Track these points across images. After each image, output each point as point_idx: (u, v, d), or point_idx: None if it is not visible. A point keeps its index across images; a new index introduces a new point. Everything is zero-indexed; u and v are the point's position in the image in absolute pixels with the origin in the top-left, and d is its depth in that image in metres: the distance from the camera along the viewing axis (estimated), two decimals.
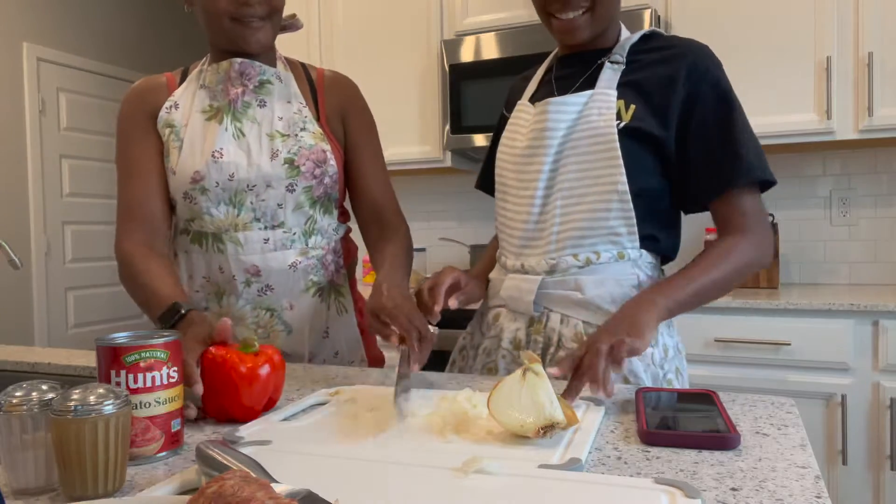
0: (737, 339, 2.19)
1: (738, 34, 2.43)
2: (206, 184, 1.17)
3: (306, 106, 1.24)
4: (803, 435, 0.76)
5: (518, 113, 1.20)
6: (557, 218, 1.10)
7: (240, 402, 0.84)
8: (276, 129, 1.21)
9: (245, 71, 1.20)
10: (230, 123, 1.20)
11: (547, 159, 1.10)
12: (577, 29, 1.08)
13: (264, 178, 1.18)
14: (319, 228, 1.25)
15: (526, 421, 0.72)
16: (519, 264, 1.14)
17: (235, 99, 1.21)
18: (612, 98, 1.07)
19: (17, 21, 3.84)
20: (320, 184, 1.22)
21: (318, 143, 1.22)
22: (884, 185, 2.59)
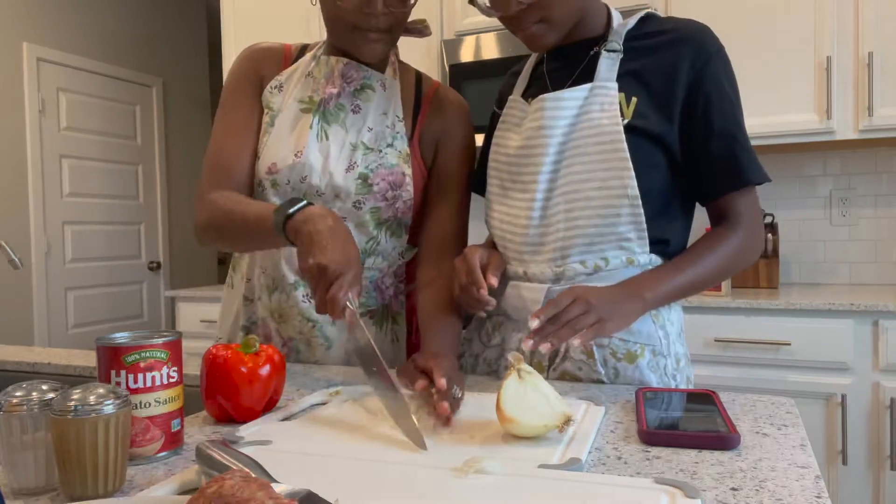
0: (737, 339, 2.19)
1: (738, 34, 2.43)
2: (279, 178, 1.15)
3: (402, 121, 1.19)
4: (803, 435, 0.76)
5: (509, 110, 1.14)
6: (562, 224, 1.03)
7: (240, 402, 0.84)
8: (361, 139, 1.16)
9: (348, 73, 1.18)
10: (317, 123, 1.16)
11: (546, 160, 1.04)
12: (538, 38, 1.04)
13: (335, 188, 1.14)
14: (381, 251, 1.19)
15: (548, 423, 0.72)
16: (521, 271, 1.08)
17: (329, 99, 1.17)
18: (614, 91, 1.02)
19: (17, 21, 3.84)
20: (391, 207, 1.16)
21: (400, 163, 1.16)
22: (884, 185, 2.59)
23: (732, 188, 1.04)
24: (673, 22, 1.08)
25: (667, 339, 1.07)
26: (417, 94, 1.23)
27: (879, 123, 2.28)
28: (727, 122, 1.04)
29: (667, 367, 1.06)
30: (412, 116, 1.21)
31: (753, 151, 1.06)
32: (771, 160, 2.71)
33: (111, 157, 4.33)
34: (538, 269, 1.06)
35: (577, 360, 1.04)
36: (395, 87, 1.20)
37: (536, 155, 1.05)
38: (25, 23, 3.87)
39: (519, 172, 1.08)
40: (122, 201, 4.41)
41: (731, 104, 1.05)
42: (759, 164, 1.05)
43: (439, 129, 1.22)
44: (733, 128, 1.04)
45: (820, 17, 2.33)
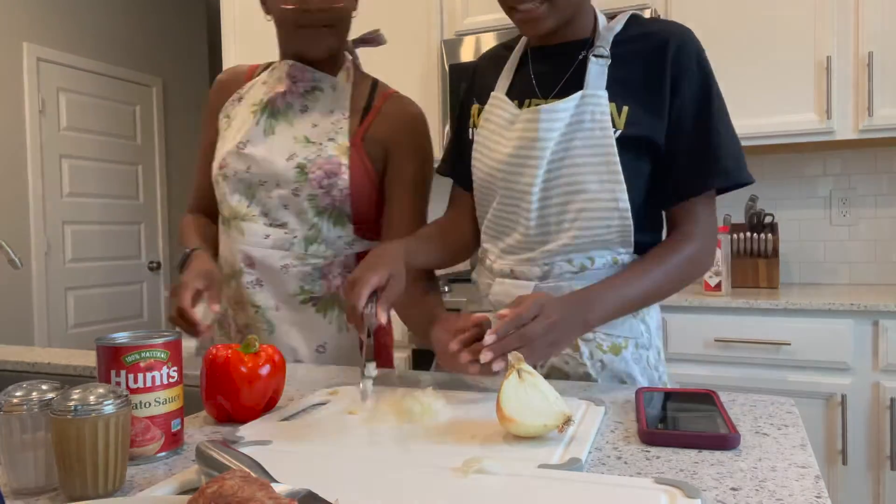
0: (737, 339, 2.19)
1: (738, 34, 2.43)
2: (228, 171, 1.24)
3: (347, 119, 1.24)
4: (803, 435, 0.76)
5: (496, 110, 1.11)
6: (553, 233, 1.06)
7: (240, 402, 0.84)
8: (304, 134, 1.23)
9: (293, 74, 1.25)
10: (265, 119, 1.25)
11: (539, 171, 1.03)
12: (538, 19, 1.00)
13: (275, 176, 1.21)
14: (325, 238, 1.24)
15: (547, 422, 0.72)
16: (508, 269, 1.10)
17: (275, 97, 1.25)
18: (604, 101, 1.01)
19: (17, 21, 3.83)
20: (327, 195, 1.21)
21: (338, 155, 1.21)
22: (884, 185, 2.59)
23: (696, 192, 1.03)
24: (656, 24, 1.08)
25: (648, 332, 1.12)
26: (370, 99, 1.29)
27: (879, 123, 2.28)
28: (706, 120, 1.02)
29: (649, 359, 1.10)
30: (360, 117, 1.26)
31: (738, 151, 1.04)
32: (771, 160, 2.71)
33: (111, 157, 4.34)
34: (525, 267, 1.08)
35: (563, 354, 1.07)
36: (346, 91, 1.27)
37: (530, 166, 1.04)
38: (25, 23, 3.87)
39: (512, 180, 1.07)
40: (121, 201, 4.41)
41: (709, 103, 1.03)
42: (741, 164, 1.03)
43: (388, 134, 1.26)
44: (712, 127, 1.02)
45: (820, 17, 2.33)
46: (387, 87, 1.32)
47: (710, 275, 2.35)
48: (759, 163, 2.73)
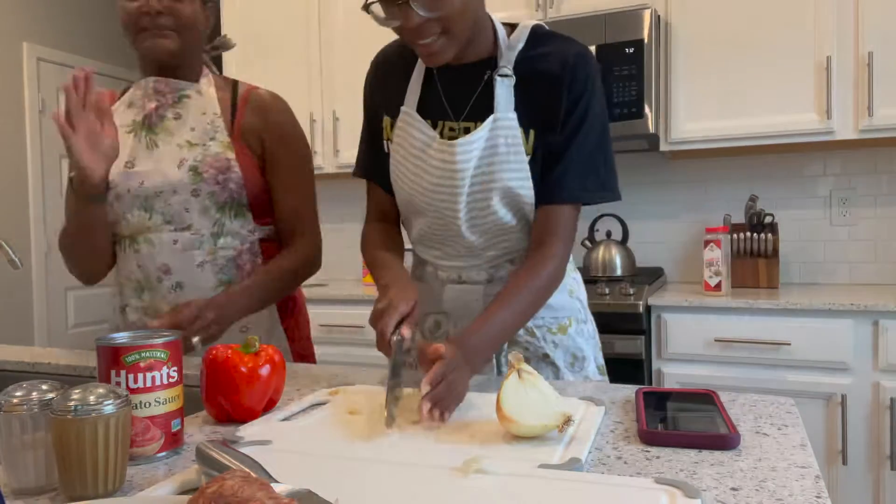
0: (737, 339, 2.19)
1: (738, 34, 2.43)
2: (120, 190, 1.28)
3: (220, 117, 1.31)
4: (803, 435, 0.76)
5: (410, 129, 1.11)
6: (485, 247, 1.13)
7: (240, 402, 0.84)
8: (186, 139, 1.29)
9: (158, 88, 1.31)
10: (144, 136, 1.31)
11: (462, 198, 1.08)
12: (437, 53, 1.00)
13: (170, 184, 1.27)
14: (229, 231, 1.31)
15: (547, 422, 0.72)
16: (456, 276, 1.17)
17: (150, 114, 1.31)
18: (515, 124, 1.06)
19: (17, 21, 3.83)
20: (224, 189, 1.28)
21: (223, 151, 1.28)
22: (884, 185, 2.59)
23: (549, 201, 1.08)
24: (556, 43, 1.09)
25: (583, 307, 1.24)
26: (234, 97, 1.35)
27: (879, 123, 2.28)
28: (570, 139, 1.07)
29: (588, 330, 1.23)
30: (230, 114, 1.33)
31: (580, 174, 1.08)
32: (771, 160, 2.71)
33: None
34: (473, 273, 1.16)
35: (521, 342, 1.17)
36: (210, 92, 1.33)
37: (454, 194, 1.08)
38: (25, 23, 3.87)
39: (438, 207, 1.11)
40: None
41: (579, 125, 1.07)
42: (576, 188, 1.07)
43: (258, 124, 1.33)
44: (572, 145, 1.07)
45: (820, 17, 2.33)
46: (245, 85, 1.38)
47: (710, 275, 2.35)
48: (759, 163, 2.73)
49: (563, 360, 1.18)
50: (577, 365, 1.19)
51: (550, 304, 1.15)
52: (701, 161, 2.79)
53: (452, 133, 1.09)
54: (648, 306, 2.29)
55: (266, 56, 3.19)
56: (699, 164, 2.80)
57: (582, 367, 1.19)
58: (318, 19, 3.09)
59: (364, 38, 2.99)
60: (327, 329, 2.79)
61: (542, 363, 1.17)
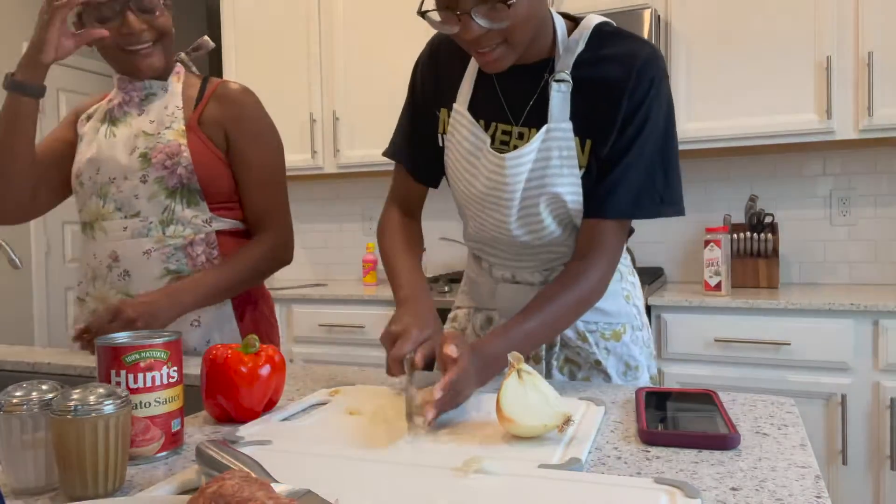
0: (737, 339, 2.19)
1: (738, 34, 2.43)
2: (83, 178, 1.32)
3: (181, 109, 1.32)
4: (803, 435, 0.76)
5: (462, 129, 1.06)
6: (537, 252, 1.10)
7: (240, 402, 0.84)
8: (143, 129, 1.31)
9: (124, 87, 1.33)
10: (107, 128, 1.33)
11: (512, 210, 1.05)
12: (497, 60, 0.94)
13: (122, 170, 1.29)
14: (180, 218, 1.29)
15: (547, 422, 0.72)
16: (510, 275, 1.15)
17: (112, 108, 1.34)
18: (570, 135, 1.00)
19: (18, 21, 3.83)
20: (173, 174, 1.28)
21: (176, 138, 1.29)
22: (884, 185, 2.59)
23: (596, 215, 1.02)
24: (620, 44, 1.01)
25: (639, 314, 1.20)
26: (201, 91, 1.36)
27: (879, 123, 2.27)
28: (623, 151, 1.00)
29: (643, 339, 1.19)
30: (194, 106, 1.33)
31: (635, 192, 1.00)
32: (771, 160, 2.71)
33: None
34: (526, 274, 1.14)
35: (573, 346, 1.14)
36: (177, 88, 1.34)
37: (503, 206, 1.05)
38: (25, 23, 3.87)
39: (488, 215, 1.08)
40: None
41: (635, 136, 0.99)
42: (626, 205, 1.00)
43: (222, 116, 1.33)
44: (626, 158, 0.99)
45: (820, 17, 2.33)
46: (216, 79, 1.38)
47: (710, 275, 2.35)
48: (759, 163, 2.73)
49: (616, 369, 1.13)
50: (629, 374, 1.14)
51: (605, 309, 1.12)
52: (701, 161, 2.79)
53: (505, 137, 1.04)
54: (648, 306, 2.29)
55: (266, 56, 3.19)
56: (699, 164, 2.79)
57: (635, 376, 1.15)
58: (318, 19, 3.08)
59: (365, 38, 2.99)
60: (327, 329, 2.79)
61: (594, 370, 1.13)
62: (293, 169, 3.12)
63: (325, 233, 3.49)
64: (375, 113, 2.98)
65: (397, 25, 2.93)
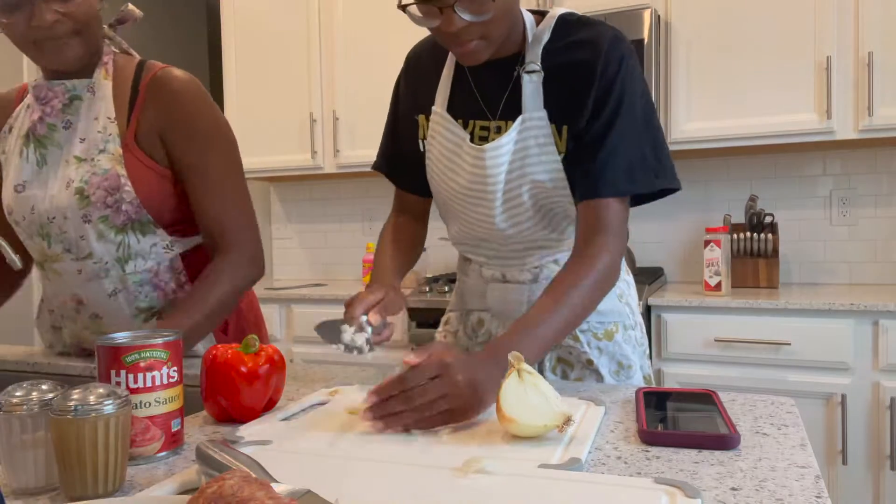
0: (737, 339, 2.19)
1: (738, 34, 2.43)
2: (16, 217, 1.17)
3: (114, 122, 1.13)
4: (803, 435, 0.76)
5: (441, 129, 1.09)
6: (525, 248, 1.11)
7: (240, 402, 0.84)
8: (74, 154, 1.13)
9: (40, 95, 1.14)
10: (33, 152, 1.15)
11: (496, 203, 1.06)
12: (475, 53, 0.96)
13: (59, 209, 1.12)
14: (138, 252, 1.15)
15: (547, 422, 0.72)
16: (500, 274, 1.15)
17: (34, 126, 1.15)
18: (545, 122, 1.01)
19: None
20: (118, 212, 1.12)
21: (113, 167, 1.11)
22: (884, 185, 2.59)
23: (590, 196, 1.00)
24: (585, 30, 1.02)
25: (632, 312, 1.18)
26: (135, 86, 1.15)
27: (879, 123, 2.28)
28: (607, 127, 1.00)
29: (636, 337, 1.18)
30: (128, 113, 1.14)
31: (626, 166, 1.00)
32: (771, 160, 2.71)
33: None
34: (516, 272, 1.14)
35: (565, 345, 1.14)
36: (107, 88, 1.15)
37: (487, 199, 1.07)
38: None
39: (473, 210, 1.10)
40: None
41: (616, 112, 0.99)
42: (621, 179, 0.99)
43: (157, 120, 1.14)
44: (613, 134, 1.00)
45: (820, 17, 2.33)
46: (153, 67, 1.18)
47: (710, 275, 2.35)
48: (759, 163, 2.73)
49: (608, 368, 1.13)
50: (622, 373, 1.14)
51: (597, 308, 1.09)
52: (701, 161, 2.79)
53: (483, 132, 1.06)
54: (648, 306, 2.29)
55: (266, 56, 3.19)
56: (699, 163, 2.80)
57: (628, 375, 1.14)
58: (318, 19, 3.08)
59: (364, 39, 2.99)
60: None
61: (586, 370, 1.13)
62: (293, 169, 3.13)
63: (325, 233, 3.49)
64: (375, 113, 2.98)
65: (397, 25, 2.93)
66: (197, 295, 1.13)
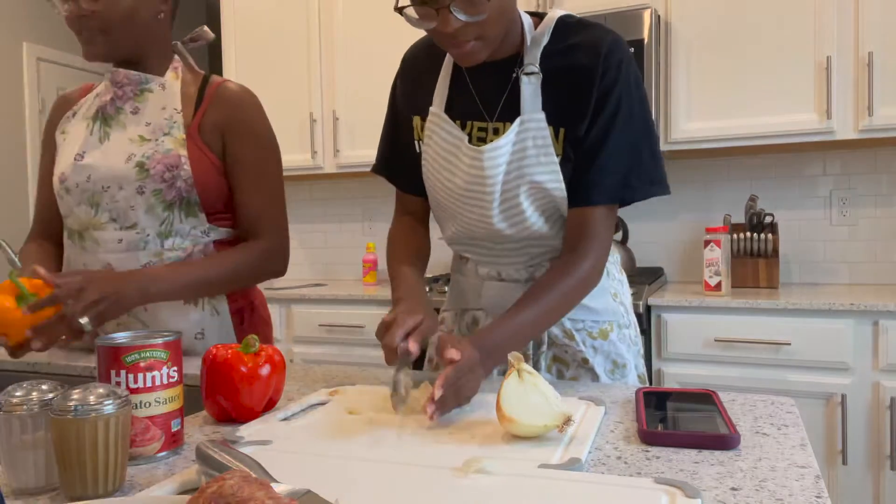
0: (737, 339, 2.19)
1: (738, 34, 2.43)
2: (69, 184, 1.25)
3: (181, 112, 1.25)
4: (803, 435, 0.77)
5: (438, 130, 1.09)
6: (522, 247, 1.11)
7: (240, 402, 0.84)
8: (139, 133, 1.24)
9: (117, 80, 1.26)
10: (98, 128, 1.26)
11: (494, 204, 1.06)
12: (472, 53, 0.96)
13: (116, 179, 1.22)
14: (178, 230, 1.24)
15: (547, 422, 0.72)
16: (496, 272, 1.15)
17: (104, 105, 1.27)
18: (543, 124, 1.02)
19: (17, 21, 3.83)
20: (171, 187, 1.21)
21: (175, 148, 1.22)
22: (884, 185, 2.59)
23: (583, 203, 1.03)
24: (584, 33, 1.03)
25: (626, 311, 1.20)
26: (201, 91, 1.29)
27: (879, 123, 2.28)
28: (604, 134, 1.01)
29: (631, 336, 1.19)
30: (194, 109, 1.27)
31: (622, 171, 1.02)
32: (771, 160, 2.71)
33: None
34: (512, 270, 1.14)
35: (560, 344, 1.14)
36: (175, 86, 1.28)
37: (485, 201, 1.06)
38: (25, 23, 3.87)
39: (470, 211, 1.09)
40: None
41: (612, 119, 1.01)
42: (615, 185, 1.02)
43: (220, 120, 1.27)
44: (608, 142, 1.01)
45: (820, 17, 2.33)
46: (216, 79, 1.32)
47: (710, 275, 2.35)
48: (759, 163, 2.73)
49: (603, 367, 1.14)
50: (617, 372, 1.15)
51: (592, 307, 1.13)
52: (701, 161, 2.79)
53: (481, 133, 1.06)
54: (648, 306, 2.29)
55: (266, 56, 3.19)
56: (699, 164, 2.80)
57: (623, 374, 1.15)
58: (318, 19, 3.08)
59: (364, 39, 2.99)
60: (327, 329, 2.78)
61: (582, 369, 1.14)
62: (293, 169, 3.13)
63: (324, 233, 3.49)
64: (375, 113, 2.97)
65: (397, 25, 2.93)
66: (216, 258, 1.25)
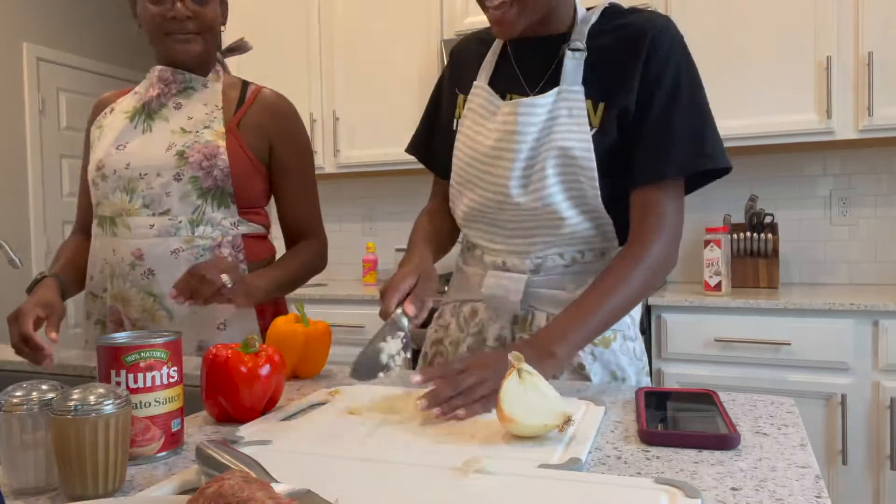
0: (737, 339, 2.19)
1: (739, 34, 2.43)
2: (106, 171, 1.30)
3: (220, 109, 1.33)
4: (803, 435, 0.76)
5: (476, 98, 1.11)
6: (536, 227, 1.07)
7: (240, 402, 0.84)
8: (181, 126, 1.31)
9: (164, 77, 1.33)
10: (141, 121, 1.32)
11: (516, 164, 1.05)
12: (507, 22, 0.99)
13: (155, 166, 1.28)
14: (210, 220, 1.30)
15: (547, 422, 0.72)
16: (500, 261, 1.12)
17: (149, 100, 1.33)
18: (581, 96, 1.02)
19: (17, 21, 3.83)
20: (208, 175, 1.28)
21: (215, 139, 1.29)
22: (884, 185, 2.59)
23: (651, 179, 1.02)
24: (634, 16, 1.05)
25: (633, 324, 1.15)
26: (242, 94, 1.38)
27: (879, 123, 2.28)
28: (669, 106, 1.01)
29: (635, 350, 1.14)
30: (235, 109, 1.35)
31: (691, 145, 1.01)
32: (771, 160, 2.71)
33: None
34: (517, 259, 1.10)
35: None
36: (217, 87, 1.36)
37: (507, 158, 1.06)
38: (25, 23, 3.87)
39: (490, 172, 1.08)
40: None
41: (675, 92, 1.01)
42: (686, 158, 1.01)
43: (265, 122, 1.35)
44: (675, 113, 1.01)
45: (820, 17, 2.33)
46: (255, 84, 1.40)
47: (710, 275, 2.35)
48: (759, 163, 2.73)
49: (600, 377, 1.09)
50: (614, 385, 1.08)
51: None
52: None
53: None
54: (648, 306, 2.29)
55: (266, 56, 3.18)
56: None
57: None
58: (318, 19, 3.08)
59: (364, 39, 2.99)
60: None
61: (577, 375, 1.09)
62: None
63: None
64: (375, 113, 2.98)
65: (397, 25, 2.93)
66: (289, 259, 1.38)
